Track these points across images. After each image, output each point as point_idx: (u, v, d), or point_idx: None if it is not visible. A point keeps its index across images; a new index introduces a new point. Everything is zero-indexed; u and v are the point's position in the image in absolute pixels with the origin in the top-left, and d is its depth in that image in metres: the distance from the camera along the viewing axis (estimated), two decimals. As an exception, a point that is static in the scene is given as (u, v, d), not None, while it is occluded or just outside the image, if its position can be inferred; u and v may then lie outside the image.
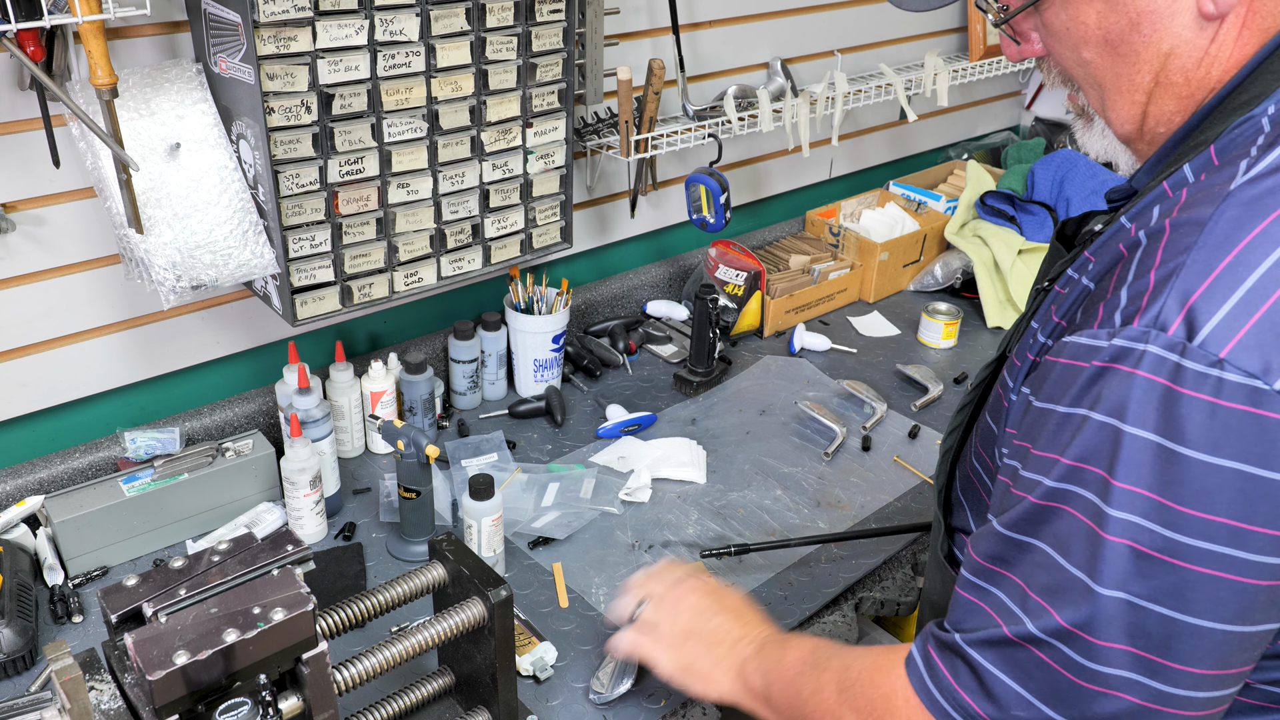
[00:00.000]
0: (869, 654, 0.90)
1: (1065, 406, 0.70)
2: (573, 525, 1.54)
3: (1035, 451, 0.73)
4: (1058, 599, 0.69)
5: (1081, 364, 0.70)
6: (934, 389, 1.93)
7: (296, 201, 1.40)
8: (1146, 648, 0.67)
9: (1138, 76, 0.80)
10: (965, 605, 0.78)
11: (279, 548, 0.98)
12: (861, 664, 0.89)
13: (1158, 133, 0.82)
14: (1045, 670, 0.71)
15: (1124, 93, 0.81)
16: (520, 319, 1.82)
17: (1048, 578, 0.70)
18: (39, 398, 1.49)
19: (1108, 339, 0.68)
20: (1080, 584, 0.68)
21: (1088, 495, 0.67)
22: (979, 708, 0.75)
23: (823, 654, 0.96)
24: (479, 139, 1.54)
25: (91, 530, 1.40)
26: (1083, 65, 0.83)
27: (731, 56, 2.11)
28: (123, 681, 0.92)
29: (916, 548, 1.56)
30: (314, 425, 1.49)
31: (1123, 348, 0.67)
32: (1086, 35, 0.80)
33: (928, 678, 0.79)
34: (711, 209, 1.91)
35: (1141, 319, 0.66)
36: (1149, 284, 0.67)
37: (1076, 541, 0.68)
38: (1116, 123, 0.84)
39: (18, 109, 1.32)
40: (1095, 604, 0.67)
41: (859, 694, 0.87)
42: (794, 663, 0.98)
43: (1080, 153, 2.45)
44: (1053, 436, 0.71)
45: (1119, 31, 0.78)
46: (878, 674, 0.86)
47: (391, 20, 1.37)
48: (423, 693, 1.16)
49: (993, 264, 2.25)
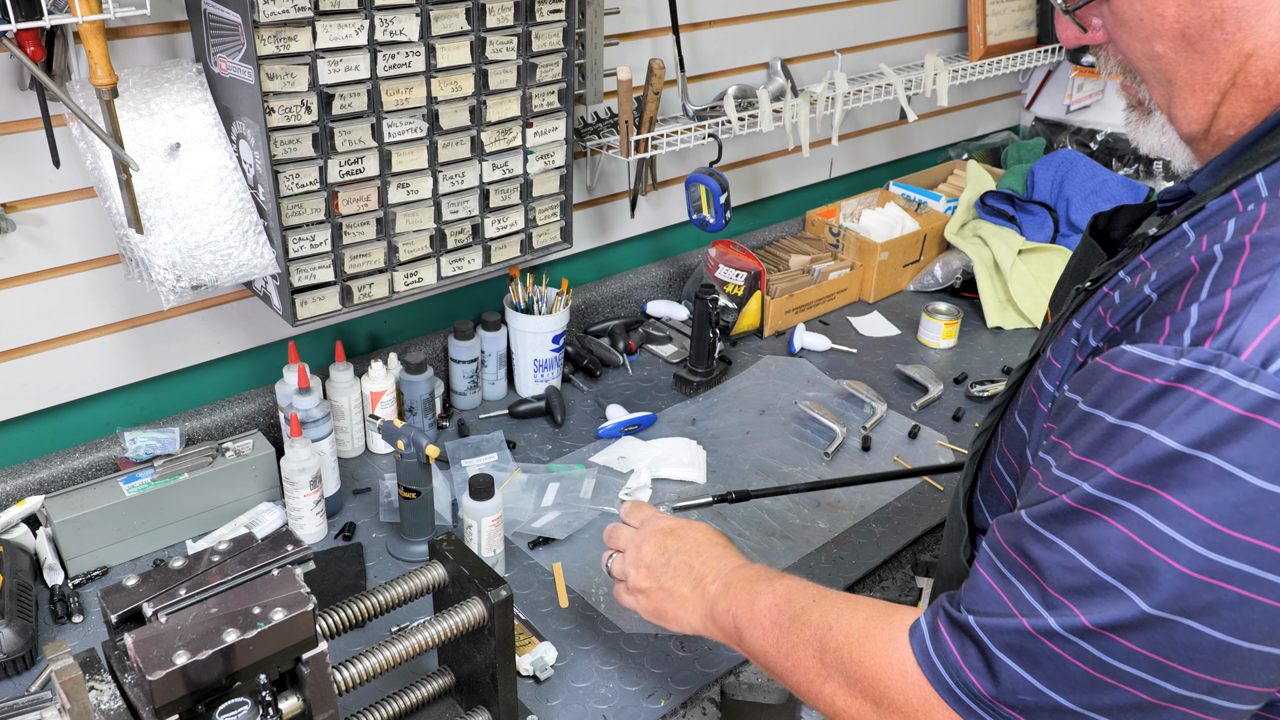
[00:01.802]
0: (854, 615, 0.88)
1: (1117, 418, 0.68)
2: (573, 525, 1.54)
3: (1075, 455, 0.71)
4: (1085, 600, 0.69)
5: (1142, 378, 0.68)
6: (934, 389, 1.93)
7: (296, 201, 1.40)
8: (1170, 656, 0.66)
9: (1214, 75, 0.75)
10: (984, 589, 0.77)
11: (279, 548, 0.98)
12: (847, 627, 0.87)
13: (1226, 135, 0.79)
14: (1058, 661, 0.70)
15: (1196, 91, 0.77)
16: (520, 319, 1.82)
17: (1074, 579, 0.69)
18: (39, 398, 1.49)
19: (1175, 357, 0.66)
20: (1113, 590, 0.67)
21: (1135, 510, 0.66)
22: (981, 686, 0.74)
23: (798, 603, 0.93)
24: (479, 139, 1.54)
25: (91, 530, 1.40)
26: (1153, 59, 0.78)
27: (731, 56, 2.11)
28: (123, 681, 0.92)
29: (917, 548, 1.56)
30: (314, 425, 1.49)
31: (1190, 368, 0.65)
32: (1162, 28, 0.76)
33: (933, 650, 0.78)
34: (711, 209, 1.91)
35: (1214, 341, 0.64)
36: (1224, 304, 0.65)
37: (1113, 549, 0.67)
38: (1183, 121, 0.80)
39: (18, 109, 1.32)
40: (1127, 612, 0.66)
41: (846, 661, 0.85)
42: (766, 610, 0.96)
43: (1079, 152, 2.45)
44: (1099, 444, 0.69)
45: (1199, 27, 0.74)
46: (869, 642, 0.84)
47: (391, 20, 1.37)
48: (423, 693, 1.16)
49: (993, 264, 2.25)
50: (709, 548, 1.09)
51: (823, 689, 0.88)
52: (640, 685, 1.26)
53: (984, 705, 0.75)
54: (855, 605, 0.90)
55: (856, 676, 0.84)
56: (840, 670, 0.86)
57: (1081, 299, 0.85)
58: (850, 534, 1.55)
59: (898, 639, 0.82)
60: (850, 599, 0.91)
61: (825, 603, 0.92)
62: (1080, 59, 2.55)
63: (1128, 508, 0.67)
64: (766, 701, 1.33)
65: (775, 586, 0.98)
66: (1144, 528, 0.66)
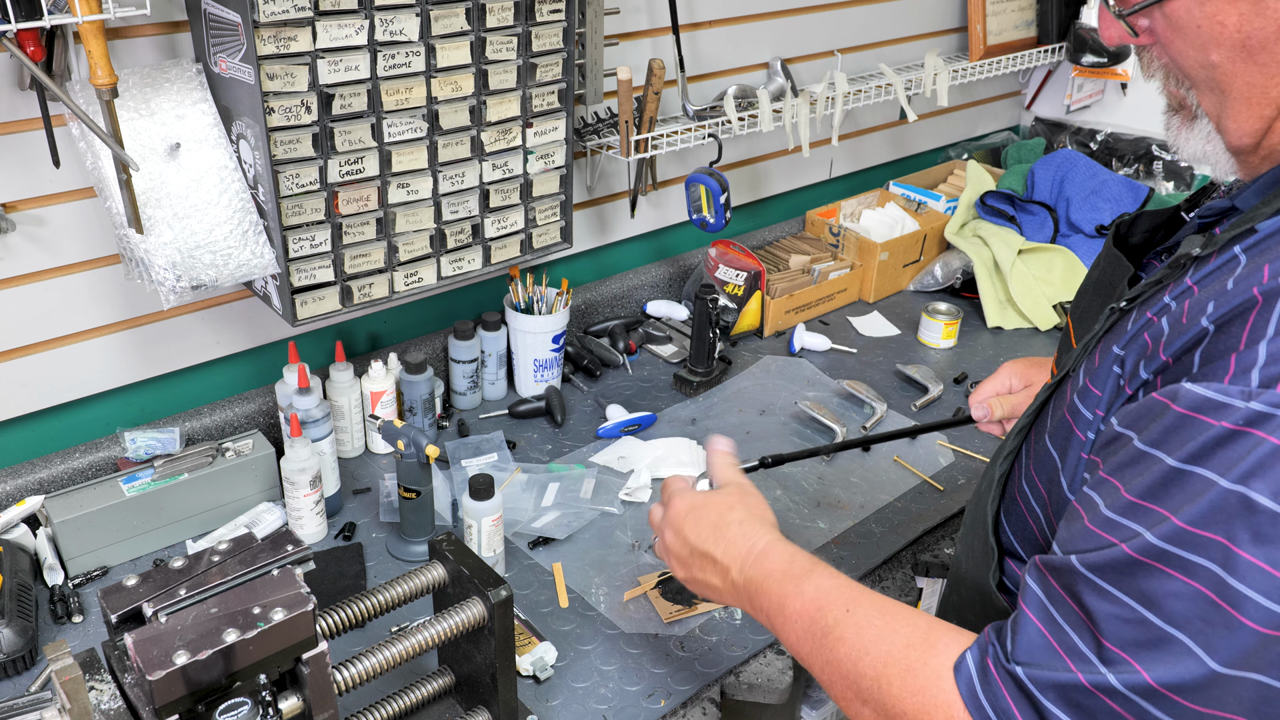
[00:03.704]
0: (893, 640, 0.82)
1: (1179, 460, 0.66)
2: (573, 525, 1.54)
3: (1130, 496, 0.68)
4: (1146, 656, 0.66)
5: (1207, 419, 0.65)
6: (934, 389, 1.93)
7: (296, 201, 1.40)
8: (1238, 711, 0.64)
9: (1273, 89, 0.72)
10: (1033, 636, 0.72)
11: (279, 548, 0.98)
12: (886, 655, 0.81)
13: (1279, 150, 0.76)
14: (1115, 718, 0.67)
15: (1252, 104, 0.74)
16: (520, 319, 1.82)
17: (1134, 633, 0.66)
18: (39, 398, 1.49)
19: (1243, 400, 0.63)
20: (1180, 646, 0.64)
21: (1205, 564, 0.63)
22: None
23: (831, 614, 0.87)
24: (479, 139, 1.54)
25: (91, 530, 1.40)
26: (1208, 67, 0.75)
27: (731, 56, 2.11)
28: (123, 681, 0.92)
29: (917, 548, 1.56)
30: (314, 425, 1.49)
31: (1261, 413, 0.62)
32: (1221, 37, 0.72)
33: (983, 694, 0.74)
34: (711, 209, 1.91)
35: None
36: None
37: (1179, 603, 0.64)
38: (1234, 133, 0.76)
39: (18, 109, 1.32)
40: (1197, 672, 0.64)
41: (885, 694, 0.80)
42: (796, 616, 0.90)
43: (1079, 152, 2.46)
44: (1159, 489, 0.67)
45: (1262, 38, 0.71)
46: (910, 678, 0.79)
47: (391, 20, 1.37)
48: (423, 693, 1.16)
49: (993, 264, 2.25)
50: (729, 529, 1.02)
51: (860, 711, 0.83)
52: (640, 685, 1.27)
53: None
54: (894, 625, 0.83)
55: (895, 713, 0.79)
56: (877, 702, 0.81)
57: (1116, 319, 0.82)
58: (850, 534, 1.55)
59: (942, 677, 0.77)
60: (886, 612, 0.85)
61: (859, 615, 0.86)
62: (1080, 59, 2.55)
63: (1196, 561, 0.64)
64: (766, 701, 1.33)
65: (804, 589, 0.91)
66: (1214, 582, 0.63)
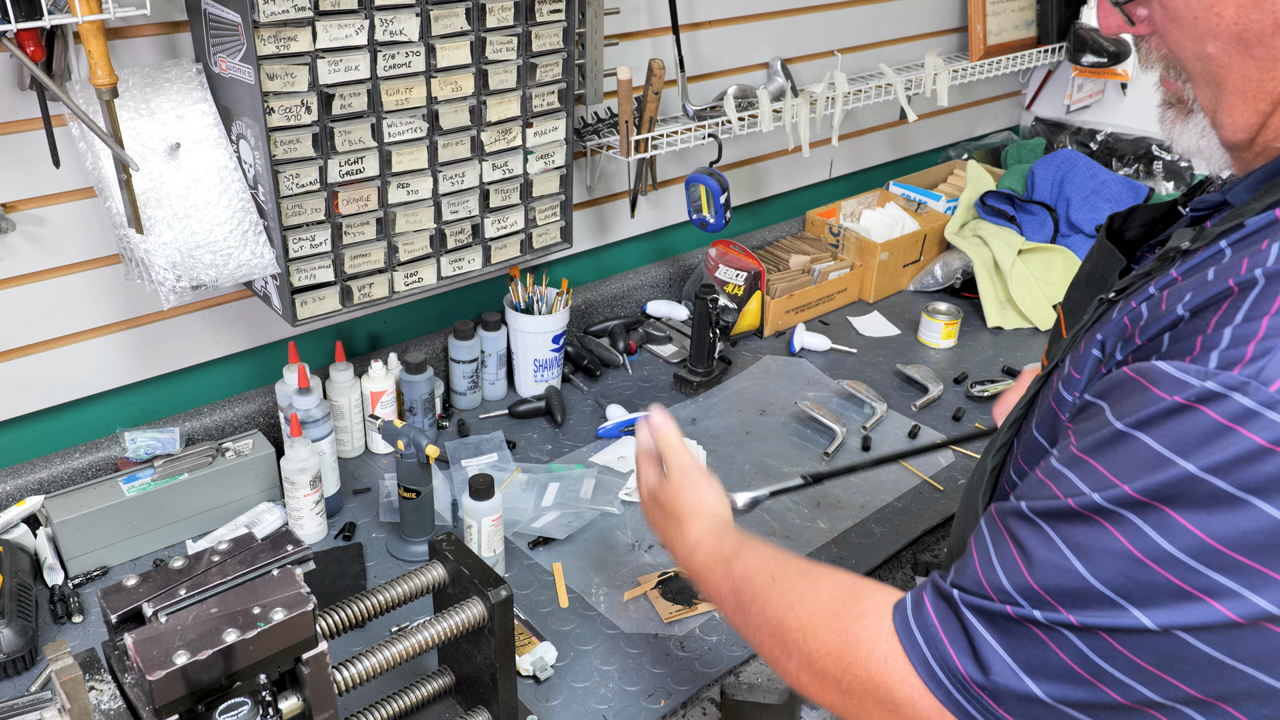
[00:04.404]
0: (818, 597, 0.86)
1: (1125, 424, 0.67)
2: (573, 525, 1.54)
3: (1076, 450, 0.71)
4: (1071, 601, 0.68)
5: (1160, 392, 0.66)
6: (934, 389, 1.93)
7: (296, 201, 1.40)
8: (1155, 664, 0.66)
9: (1269, 84, 0.72)
10: (971, 567, 0.76)
11: (279, 548, 0.98)
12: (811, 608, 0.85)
13: (1273, 146, 0.75)
14: (1041, 648, 0.70)
15: (1247, 98, 0.73)
16: (520, 319, 1.82)
17: (1061, 579, 0.69)
18: (39, 398, 1.49)
19: (1199, 378, 0.64)
20: (1105, 599, 0.67)
21: (1140, 524, 0.65)
22: (960, 662, 0.73)
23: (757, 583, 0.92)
24: (479, 139, 1.54)
25: (91, 530, 1.40)
26: (1204, 60, 0.74)
27: (731, 56, 2.11)
28: (123, 681, 0.92)
29: (917, 548, 1.56)
30: (314, 425, 1.49)
31: (1213, 392, 0.63)
32: (1218, 28, 0.72)
33: (914, 620, 0.77)
34: (711, 209, 1.91)
35: (1244, 368, 0.63)
36: (1259, 330, 0.64)
37: (1108, 559, 0.67)
38: (1228, 128, 0.76)
39: (18, 109, 1.32)
40: (1118, 621, 0.66)
41: (810, 640, 0.84)
42: (730, 594, 0.95)
43: (1079, 152, 2.46)
44: (1101, 446, 0.69)
45: (1259, 31, 0.70)
46: (834, 621, 0.83)
47: (391, 20, 1.37)
48: (423, 693, 1.16)
49: (993, 264, 2.25)
50: (686, 521, 1.07)
51: (787, 666, 0.87)
52: (640, 685, 1.27)
53: (957, 682, 0.73)
54: (818, 583, 0.88)
55: (818, 656, 0.83)
56: (802, 653, 0.84)
57: (1104, 310, 0.82)
58: (850, 534, 1.55)
59: (866, 616, 0.80)
60: (811, 573, 0.89)
61: (785, 580, 0.90)
62: (1080, 59, 2.55)
63: (1131, 520, 0.66)
64: (766, 701, 1.33)
65: (734, 567, 0.96)
66: (1144, 543, 0.65)
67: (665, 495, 1.10)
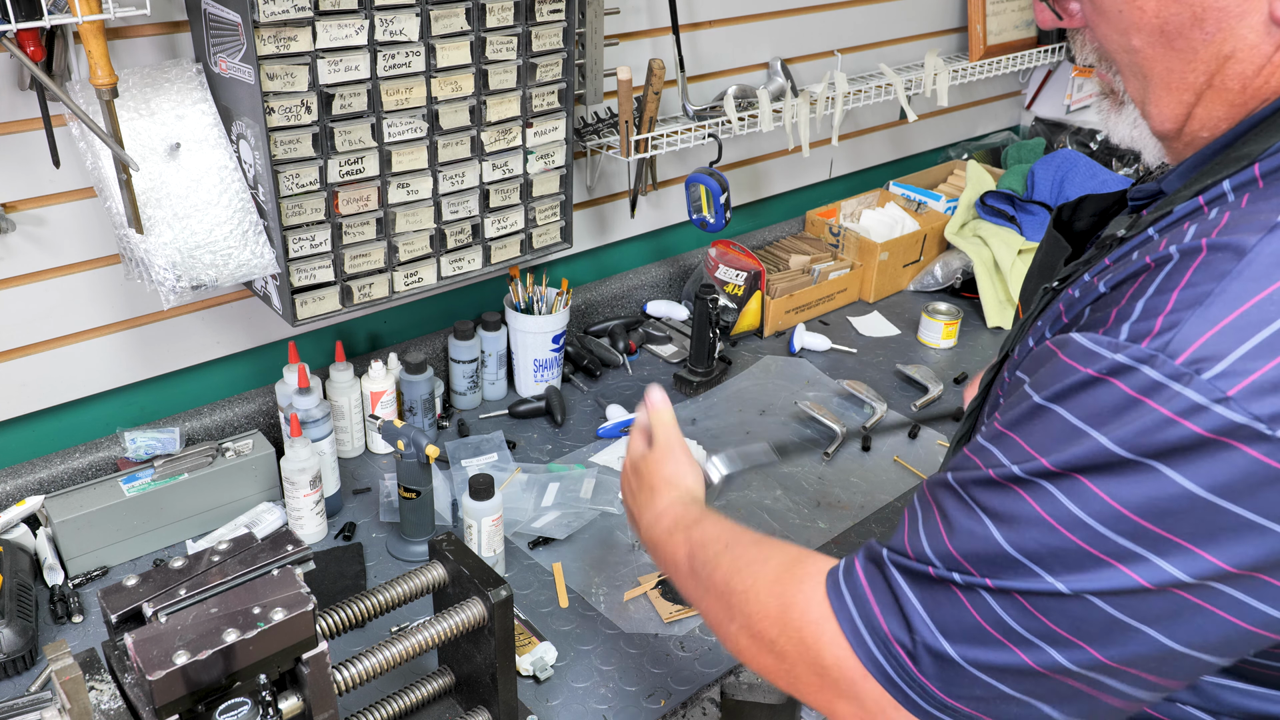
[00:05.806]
0: (764, 566, 0.89)
1: (1043, 398, 0.70)
2: (573, 525, 1.54)
3: (998, 425, 0.73)
4: (989, 569, 0.70)
5: (1075, 364, 0.68)
6: (934, 389, 1.93)
7: (296, 201, 1.40)
8: (1064, 626, 0.68)
9: (1190, 75, 0.74)
10: (899, 533, 0.78)
11: (279, 548, 0.98)
12: (756, 573, 0.88)
13: (1200, 136, 0.77)
14: (958, 607, 0.71)
15: (1171, 90, 0.75)
16: (520, 319, 1.82)
17: (980, 546, 0.71)
18: (39, 398, 1.49)
19: (1110, 350, 0.66)
20: (1018, 564, 0.68)
21: (1054, 492, 0.67)
22: (885, 621, 0.75)
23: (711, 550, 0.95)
24: (479, 139, 1.54)
25: (91, 530, 1.40)
26: (1129, 52, 0.77)
27: (731, 56, 2.11)
28: (123, 681, 0.92)
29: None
30: (314, 425, 1.49)
31: (1122, 364, 0.65)
32: (1141, 22, 0.74)
33: (843, 579, 0.79)
34: (711, 209, 1.91)
35: (1152, 341, 0.64)
36: (1168, 303, 0.65)
37: (1024, 526, 0.68)
38: (1156, 119, 0.78)
39: (18, 109, 1.32)
40: (1035, 586, 0.68)
41: (751, 602, 0.86)
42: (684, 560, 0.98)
43: (1079, 152, 2.45)
44: (1021, 420, 0.71)
45: (1178, 24, 0.72)
46: (775, 585, 0.85)
47: (391, 20, 1.37)
48: (423, 693, 1.16)
49: (993, 264, 2.25)
50: (658, 490, 1.10)
51: (729, 629, 0.89)
52: (640, 685, 1.27)
53: (880, 642, 0.75)
54: (767, 552, 0.90)
55: (757, 618, 0.84)
56: (744, 615, 0.86)
57: (1048, 299, 0.85)
58: (850, 534, 1.55)
59: (805, 580, 0.82)
60: (762, 543, 0.92)
61: (737, 547, 0.92)
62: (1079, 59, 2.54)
63: (1046, 488, 0.67)
64: (766, 701, 1.33)
65: (693, 534, 0.99)
66: (1058, 509, 0.67)
67: (646, 465, 1.13)
